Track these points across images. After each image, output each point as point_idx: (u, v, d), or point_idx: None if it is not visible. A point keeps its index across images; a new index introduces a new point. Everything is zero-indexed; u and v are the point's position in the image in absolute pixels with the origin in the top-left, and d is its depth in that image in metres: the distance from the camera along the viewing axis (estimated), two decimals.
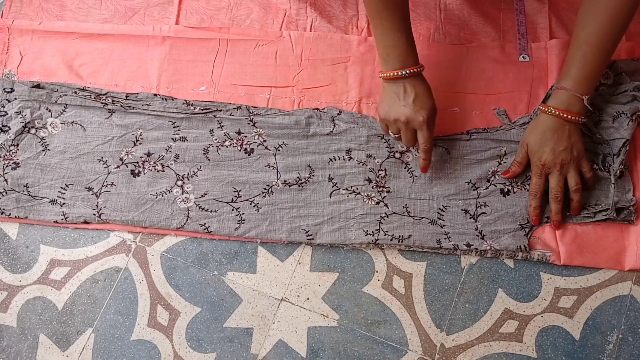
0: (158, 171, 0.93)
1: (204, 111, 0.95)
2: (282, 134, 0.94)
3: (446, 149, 0.92)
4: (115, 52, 1.01)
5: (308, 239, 0.89)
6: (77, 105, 0.96)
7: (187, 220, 0.90)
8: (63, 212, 0.91)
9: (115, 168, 0.93)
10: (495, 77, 0.98)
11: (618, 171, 0.88)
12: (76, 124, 0.95)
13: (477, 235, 0.88)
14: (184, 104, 0.96)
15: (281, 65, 1.00)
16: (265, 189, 0.92)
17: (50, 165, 0.93)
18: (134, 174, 0.93)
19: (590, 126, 0.89)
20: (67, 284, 0.89)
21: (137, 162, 0.93)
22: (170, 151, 0.93)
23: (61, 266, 0.90)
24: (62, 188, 0.92)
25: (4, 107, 0.96)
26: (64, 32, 1.03)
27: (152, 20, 1.05)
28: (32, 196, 0.92)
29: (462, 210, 0.90)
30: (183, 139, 0.94)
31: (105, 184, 0.92)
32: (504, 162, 0.91)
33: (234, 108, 0.95)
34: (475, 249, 0.88)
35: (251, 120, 0.94)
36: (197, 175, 0.92)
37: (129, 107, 0.95)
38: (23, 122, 0.95)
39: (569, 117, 0.84)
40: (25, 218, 0.92)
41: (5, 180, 0.93)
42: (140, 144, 0.94)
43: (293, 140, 0.94)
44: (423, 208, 0.90)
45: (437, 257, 0.89)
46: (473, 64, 0.98)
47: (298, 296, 0.87)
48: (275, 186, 0.92)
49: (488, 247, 0.87)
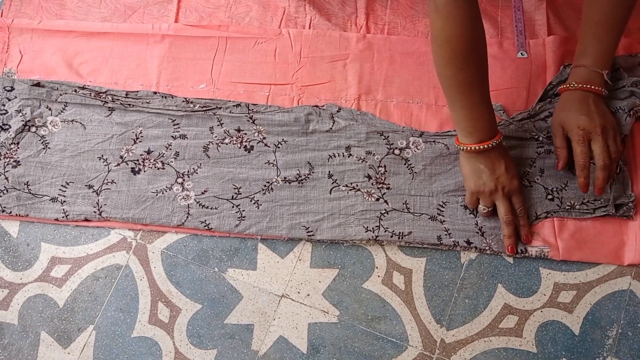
0: (158, 169, 0.93)
1: (204, 109, 0.95)
2: (282, 131, 0.94)
3: (445, 145, 0.93)
4: (115, 50, 1.02)
5: (308, 236, 0.89)
6: (77, 103, 0.96)
7: (187, 217, 0.90)
8: (64, 209, 0.91)
9: (115, 166, 0.93)
10: (493, 73, 0.97)
11: (617, 167, 0.88)
12: (76, 122, 0.95)
13: (477, 232, 0.88)
14: (183, 101, 0.96)
15: (280, 63, 1.00)
16: (265, 185, 0.92)
17: (51, 163, 0.94)
18: (134, 171, 0.93)
19: None
20: (68, 282, 0.89)
21: (138, 160, 0.93)
22: (170, 149, 0.94)
23: (62, 264, 0.90)
24: (62, 186, 0.92)
25: (4, 105, 0.96)
26: (63, 31, 1.03)
27: (152, 18, 1.05)
28: (32, 194, 0.92)
29: (461, 206, 0.90)
30: (183, 136, 0.94)
31: (105, 181, 0.92)
32: None
33: (234, 105, 0.96)
34: (475, 247, 0.88)
35: (251, 118, 0.95)
36: (197, 173, 0.93)
37: (129, 105, 0.96)
38: (23, 121, 0.95)
39: (592, 87, 0.84)
40: (26, 216, 0.92)
41: (6, 178, 0.93)
42: (140, 141, 0.94)
43: (293, 138, 0.94)
44: (423, 204, 0.91)
45: (436, 252, 0.89)
46: None
47: (298, 292, 0.88)
48: (275, 183, 0.92)
49: (487, 247, 0.88)
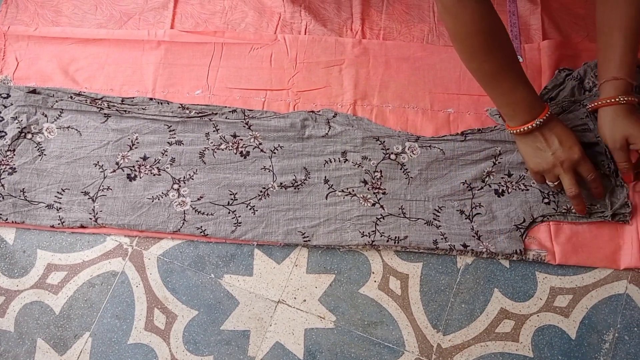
0: (154, 175, 0.93)
1: (200, 115, 0.95)
2: (278, 136, 0.94)
3: (441, 150, 0.93)
4: (111, 56, 1.02)
5: (304, 241, 0.89)
6: (73, 110, 0.96)
7: (183, 223, 0.90)
8: (59, 216, 0.91)
9: (111, 172, 0.93)
10: None
11: (613, 172, 0.88)
12: (72, 128, 0.95)
13: (474, 236, 0.88)
14: (179, 107, 0.96)
15: (276, 69, 1.01)
16: (261, 191, 0.92)
17: (47, 170, 0.94)
18: (130, 178, 0.93)
19: (596, 130, 0.89)
20: (64, 288, 0.89)
21: (133, 166, 0.93)
22: (166, 155, 0.94)
23: (58, 270, 0.90)
24: (58, 193, 0.92)
25: (0, 112, 0.96)
26: (59, 38, 1.03)
27: (147, 24, 1.05)
28: (28, 201, 0.92)
29: (457, 210, 0.90)
30: (179, 142, 0.94)
31: (101, 188, 0.92)
32: (498, 162, 0.92)
33: (230, 111, 0.96)
34: (472, 250, 0.88)
35: (247, 124, 0.95)
36: (193, 179, 0.93)
37: (125, 111, 0.96)
38: (19, 128, 0.95)
39: (634, 99, 0.83)
40: (22, 223, 0.92)
41: (2, 185, 0.93)
42: (136, 148, 0.94)
43: (288, 143, 0.94)
44: (419, 209, 0.91)
45: (433, 257, 0.89)
46: None
47: (295, 298, 0.88)
48: (271, 189, 0.92)
49: (484, 249, 0.88)
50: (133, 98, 0.98)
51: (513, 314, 0.85)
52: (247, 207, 0.91)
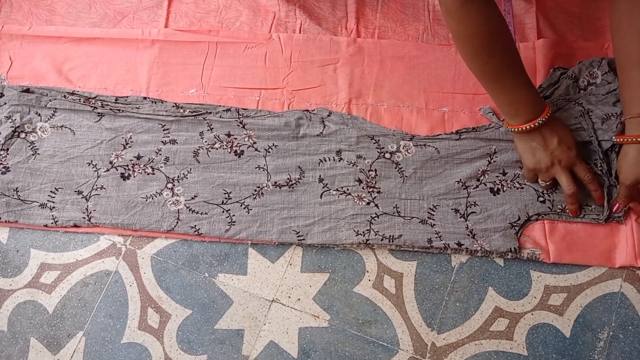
0: (148, 174, 0.93)
1: (194, 114, 0.95)
2: (272, 135, 0.94)
3: (436, 148, 0.93)
4: (105, 55, 1.02)
5: (299, 240, 0.89)
6: (66, 109, 0.96)
7: (177, 222, 0.90)
8: (53, 215, 0.91)
9: (105, 171, 0.93)
10: None
11: (607, 172, 0.88)
12: (65, 127, 0.95)
13: (468, 235, 0.88)
14: (173, 106, 0.96)
15: (271, 67, 1.00)
16: (255, 190, 0.92)
17: (40, 169, 0.93)
18: (124, 177, 0.93)
19: (590, 129, 0.89)
20: (58, 288, 0.89)
21: (127, 165, 0.93)
22: (160, 154, 0.93)
23: (51, 270, 0.90)
24: (51, 192, 0.92)
25: None
26: (53, 37, 1.03)
27: (141, 23, 1.05)
28: (22, 200, 0.92)
29: (452, 209, 0.90)
30: (173, 141, 0.94)
31: (95, 187, 0.92)
32: (493, 160, 0.92)
33: (224, 110, 0.96)
34: (466, 248, 0.88)
35: (241, 122, 0.95)
36: (187, 178, 0.92)
37: (119, 110, 0.95)
38: (13, 127, 0.95)
39: None
40: (15, 222, 0.91)
41: None
42: (130, 147, 0.94)
43: (283, 142, 0.94)
44: (413, 208, 0.90)
45: (427, 256, 0.89)
46: (462, 64, 0.98)
47: (289, 297, 0.87)
48: (265, 188, 0.92)
49: (479, 248, 0.87)
50: (127, 97, 0.97)
51: (507, 312, 0.85)
52: (241, 206, 0.91)
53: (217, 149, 0.94)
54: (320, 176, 0.92)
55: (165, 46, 1.02)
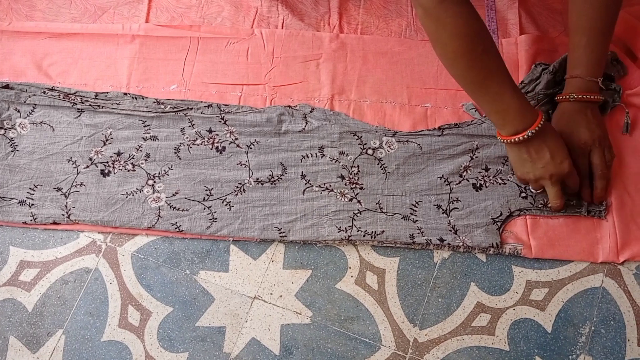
0: (128, 171, 0.92)
1: (175, 110, 0.94)
2: (254, 131, 0.93)
3: (418, 145, 0.92)
4: (85, 51, 1.01)
5: (281, 237, 0.89)
6: (45, 105, 0.95)
7: (158, 219, 0.89)
8: (32, 213, 0.90)
9: (84, 168, 0.92)
10: None
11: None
12: (45, 124, 0.94)
13: (450, 230, 0.88)
14: (154, 102, 0.95)
15: (253, 63, 1.00)
16: (237, 187, 0.91)
17: (19, 166, 0.92)
18: (104, 173, 0.92)
19: None
20: (37, 286, 0.88)
21: (107, 162, 0.92)
22: (140, 150, 0.93)
23: (31, 267, 0.89)
24: (30, 189, 0.91)
25: None
26: (33, 32, 1.02)
27: (122, 18, 1.04)
28: (0, 197, 0.91)
29: (434, 205, 0.90)
30: (154, 138, 0.93)
31: (74, 184, 0.91)
32: (475, 156, 0.92)
33: (205, 106, 0.95)
34: (448, 244, 0.88)
35: (222, 119, 0.94)
36: (168, 174, 0.92)
37: (99, 106, 0.94)
38: None
39: (590, 97, 0.86)
40: None
41: None
42: (110, 143, 0.93)
43: (265, 138, 0.93)
44: (396, 204, 0.90)
45: (409, 252, 0.89)
46: None
47: (271, 294, 0.87)
48: (247, 184, 0.91)
49: (461, 243, 0.87)
50: (107, 93, 0.96)
51: (489, 307, 0.85)
52: (222, 202, 0.90)
53: (198, 145, 0.93)
54: (302, 172, 0.92)
55: (146, 41, 1.01)
